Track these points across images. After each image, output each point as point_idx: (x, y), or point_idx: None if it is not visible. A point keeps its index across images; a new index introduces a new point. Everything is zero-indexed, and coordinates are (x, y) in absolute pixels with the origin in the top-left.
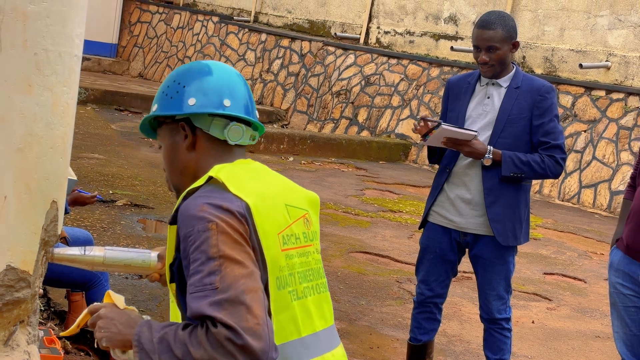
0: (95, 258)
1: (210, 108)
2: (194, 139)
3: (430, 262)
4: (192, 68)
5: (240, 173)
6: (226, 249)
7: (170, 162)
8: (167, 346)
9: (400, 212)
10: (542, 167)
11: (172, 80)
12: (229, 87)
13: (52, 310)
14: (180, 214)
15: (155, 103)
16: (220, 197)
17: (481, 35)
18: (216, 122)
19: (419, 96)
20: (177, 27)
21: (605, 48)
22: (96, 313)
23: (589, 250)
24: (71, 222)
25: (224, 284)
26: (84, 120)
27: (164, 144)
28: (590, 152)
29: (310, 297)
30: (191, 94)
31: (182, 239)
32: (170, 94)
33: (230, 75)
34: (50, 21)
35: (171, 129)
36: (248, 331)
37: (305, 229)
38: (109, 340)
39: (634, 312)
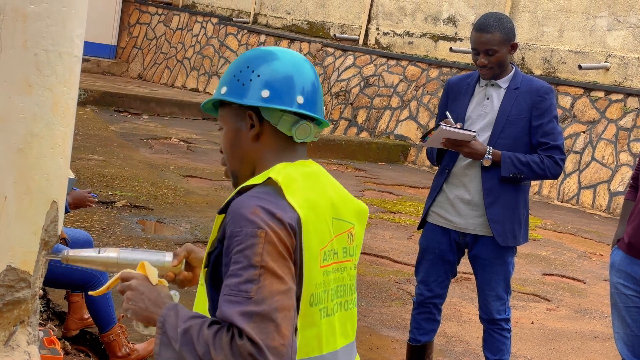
0: (109, 259)
1: (284, 104)
2: (260, 130)
3: (429, 263)
4: (266, 55)
5: (299, 179)
6: (269, 261)
7: (230, 147)
8: (189, 339)
9: (399, 213)
10: (541, 167)
11: (245, 66)
12: (303, 81)
13: (51, 311)
14: (231, 209)
15: (224, 85)
16: (274, 204)
17: (479, 38)
18: (286, 117)
19: (418, 97)
20: (176, 29)
21: (604, 49)
22: (127, 282)
23: (588, 251)
24: (71, 223)
25: (259, 296)
26: (83, 122)
27: (227, 127)
28: (589, 153)
29: (337, 313)
30: (265, 84)
31: (228, 236)
32: (242, 79)
33: (304, 68)
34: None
35: (237, 114)
36: (272, 350)
37: (347, 243)
38: (134, 313)
39: (635, 312)
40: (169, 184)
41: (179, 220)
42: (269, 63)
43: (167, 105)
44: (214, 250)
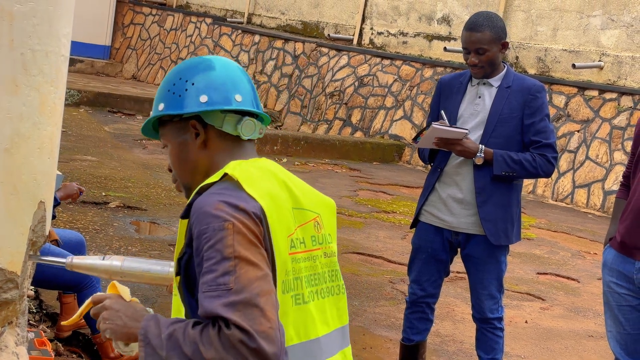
0: (112, 267)
1: (224, 104)
2: (206, 136)
3: (422, 262)
4: (196, 64)
5: (255, 172)
6: (242, 250)
7: (179, 162)
8: (175, 343)
9: (393, 212)
10: (533, 166)
11: (177, 77)
12: (236, 81)
13: (43, 312)
14: (194, 210)
15: (161, 102)
16: (236, 196)
17: (469, 37)
18: (229, 118)
19: (413, 97)
20: (170, 29)
21: (598, 48)
22: (101, 303)
23: (582, 250)
24: (63, 224)
25: (239, 285)
26: (76, 122)
27: (171, 144)
28: (583, 152)
29: (314, 301)
30: (201, 90)
31: (196, 236)
32: (177, 91)
33: (234, 69)
34: (37, 21)
35: (179, 127)
36: (261, 334)
37: (315, 232)
38: (113, 332)
39: (628, 311)
40: (162, 185)
41: (173, 221)
42: (200, 70)
43: None
44: (183, 256)
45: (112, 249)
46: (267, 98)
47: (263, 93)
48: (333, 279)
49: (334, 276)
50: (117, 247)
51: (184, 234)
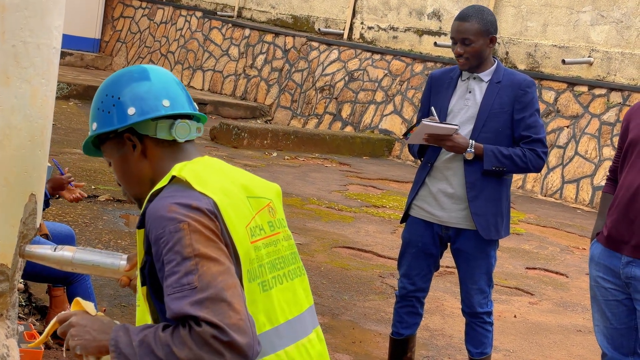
0: (64, 257)
1: (152, 113)
2: (143, 147)
3: (412, 256)
4: (119, 77)
5: (201, 170)
6: (201, 248)
7: (124, 176)
8: (148, 348)
9: (383, 207)
10: (523, 160)
11: (104, 95)
12: (162, 86)
13: (33, 306)
14: (148, 217)
15: (93, 121)
16: (187, 196)
17: (457, 27)
18: (161, 124)
19: (403, 92)
20: (160, 22)
21: (588, 44)
22: (67, 321)
23: (571, 245)
24: (53, 217)
25: (203, 283)
26: (66, 116)
27: (113, 160)
28: (572, 147)
29: (280, 285)
30: (128, 103)
31: (154, 242)
32: (106, 109)
33: (159, 75)
34: (29, 13)
35: (116, 143)
36: (232, 327)
37: (271, 217)
38: (83, 347)
39: (614, 305)
40: None
41: None
42: (125, 83)
43: None
44: (145, 265)
45: (102, 242)
46: (257, 92)
47: (253, 87)
48: (295, 261)
49: (295, 258)
50: (106, 241)
51: (142, 243)
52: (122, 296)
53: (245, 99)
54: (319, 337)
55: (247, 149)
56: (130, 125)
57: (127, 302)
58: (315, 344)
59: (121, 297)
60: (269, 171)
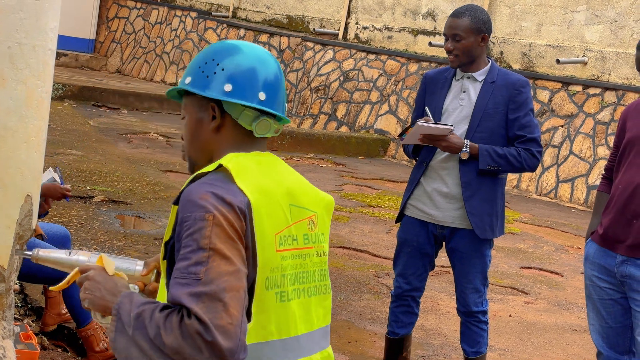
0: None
1: (245, 100)
2: (221, 122)
3: (407, 256)
4: (232, 49)
5: (251, 166)
6: (217, 243)
7: (191, 136)
8: (142, 323)
9: (378, 207)
10: (518, 160)
11: (210, 57)
12: (266, 78)
13: (29, 307)
14: (183, 197)
15: (189, 75)
16: (224, 188)
17: (449, 23)
18: (247, 112)
19: (398, 91)
20: (155, 23)
21: (582, 43)
22: (85, 273)
23: (566, 244)
24: (48, 218)
25: (208, 277)
26: (61, 116)
27: (189, 117)
28: (567, 147)
29: (297, 299)
30: (228, 78)
31: (179, 222)
32: (206, 71)
33: (269, 64)
34: (24, 15)
35: (200, 104)
36: (219, 329)
37: (308, 230)
38: (91, 302)
39: (609, 304)
40: (147, 179)
41: (158, 215)
42: (234, 57)
43: (146, 99)
44: (170, 240)
45: (97, 243)
46: None
47: None
48: (322, 278)
49: (322, 275)
50: (102, 241)
51: (173, 219)
52: None
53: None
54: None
55: None
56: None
57: None
58: None
59: None
60: None
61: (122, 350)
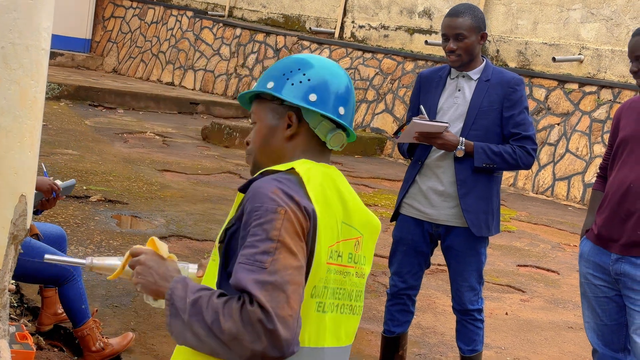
0: None
1: (326, 110)
2: (297, 131)
3: (403, 254)
4: (317, 62)
5: (319, 176)
6: (287, 237)
7: (262, 142)
8: (198, 309)
9: (375, 205)
10: (513, 157)
11: (295, 67)
12: (346, 95)
13: (25, 306)
14: (252, 188)
15: (271, 80)
16: (294, 190)
17: (449, 23)
18: (325, 123)
19: (394, 90)
20: (151, 22)
21: (578, 41)
22: (137, 257)
23: (562, 242)
24: (44, 218)
25: (274, 268)
26: (57, 116)
27: (261, 123)
28: (563, 145)
29: (332, 313)
30: (313, 89)
31: (248, 212)
32: (292, 79)
33: (348, 83)
34: (17, 15)
35: (275, 111)
36: (281, 319)
37: (354, 250)
38: (143, 287)
39: (604, 302)
40: (144, 178)
41: (154, 215)
42: (320, 70)
43: (143, 99)
44: (231, 227)
45: (93, 242)
46: None
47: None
48: (357, 299)
49: (358, 297)
50: (98, 241)
51: (237, 206)
52: (114, 297)
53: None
54: None
55: (239, 149)
56: (300, 107)
57: (118, 302)
58: None
59: (113, 297)
60: None
61: (178, 334)
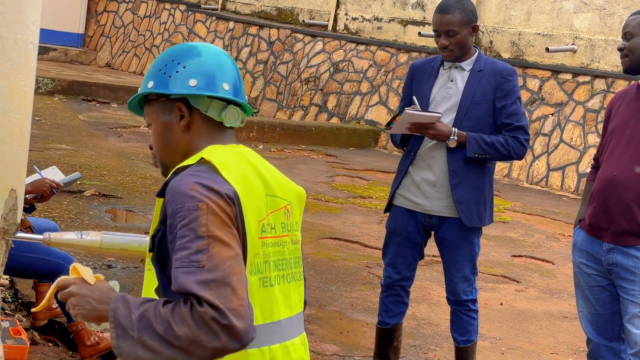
0: (92, 242)
1: (212, 91)
2: (190, 120)
3: (396, 245)
4: (189, 49)
5: (231, 157)
6: (215, 230)
7: (162, 141)
8: (147, 322)
9: (370, 197)
10: (506, 148)
11: (169, 59)
12: (225, 70)
13: (19, 302)
14: (169, 189)
15: (151, 80)
16: (211, 179)
17: (440, 20)
18: (214, 104)
19: (388, 82)
20: (144, 16)
21: (571, 31)
22: (67, 289)
23: (556, 232)
24: (38, 213)
25: (211, 264)
26: (51, 111)
27: (156, 123)
28: (557, 135)
29: (279, 285)
30: (192, 74)
31: (170, 215)
32: (168, 72)
33: (225, 59)
34: (5, 8)
35: (164, 107)
36: (232, 312)
37: (285, 219)
38: (84, 316)
39: (598, 291)
40: (138, 173)
41: (149, 209)
42: (193, 56)
43: None
44: (157, 233)
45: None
46: None
47: None
48: (297, 265)
49: (297, 263)
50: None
51: (159, 212)
52: None
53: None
54: (302, 343)
55: None
56: (186, 96)
57: None
58: (299, 348)
59: None
60: None
61: (128, 353)
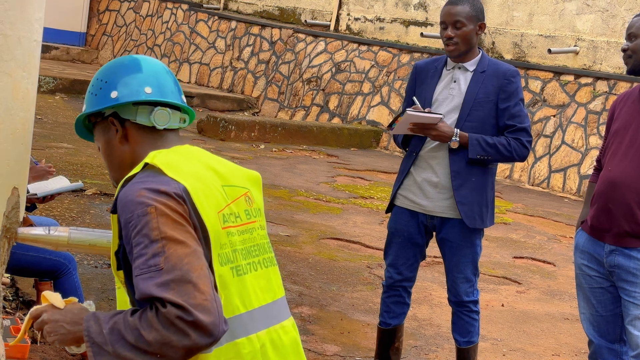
0: (59, 238)
1: (132, 97)
2: (124, 131)
3: (398, 246)
4: (112, 64)
5: (176, 157)
6: (167, 230)
7: (108, 159)
8: (118, 334)
9: (371, 198)
10: (508, 149)
11: (95, 79)
12: (150, 75)
13: (20, 300)
14: (119, 202)
15: (84, 105)
16: (156, 181)
17: (448, 10)
18: (141, 110)
19: (390, 83)
20: (146, 15)
21: (574, 33)
22: (39, 319)
23: (558, 234)
24: (40, 212)
25: (169, 265)
26: (52, 110)
27: (100, 143)
28: (559, 136)
29: (255, 272)
30: (112, 87)
31: (124, 226)
32: (94, 91)
33: (151, 65)
34: (8, 5)
35: (103, 127)
36: (197, 307)
37: (247, 206)
38: (61, 341)
39: (599, 293)
40: None
41: None
42: (114, 69)
43: None
44: (119, 249)
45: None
46: (244, 85)
47: (240, 79)
48: (270, 250)
49: (269, 248)
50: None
51: (115, 227)
52: (110, 290)
53: (232, 91)
54: (293, 326)
55: (235, 142)
56: (113, 109)
57: (114, 295)
58: (289, 331)
59: (109, 290)
60: (256, 163)
61: None
